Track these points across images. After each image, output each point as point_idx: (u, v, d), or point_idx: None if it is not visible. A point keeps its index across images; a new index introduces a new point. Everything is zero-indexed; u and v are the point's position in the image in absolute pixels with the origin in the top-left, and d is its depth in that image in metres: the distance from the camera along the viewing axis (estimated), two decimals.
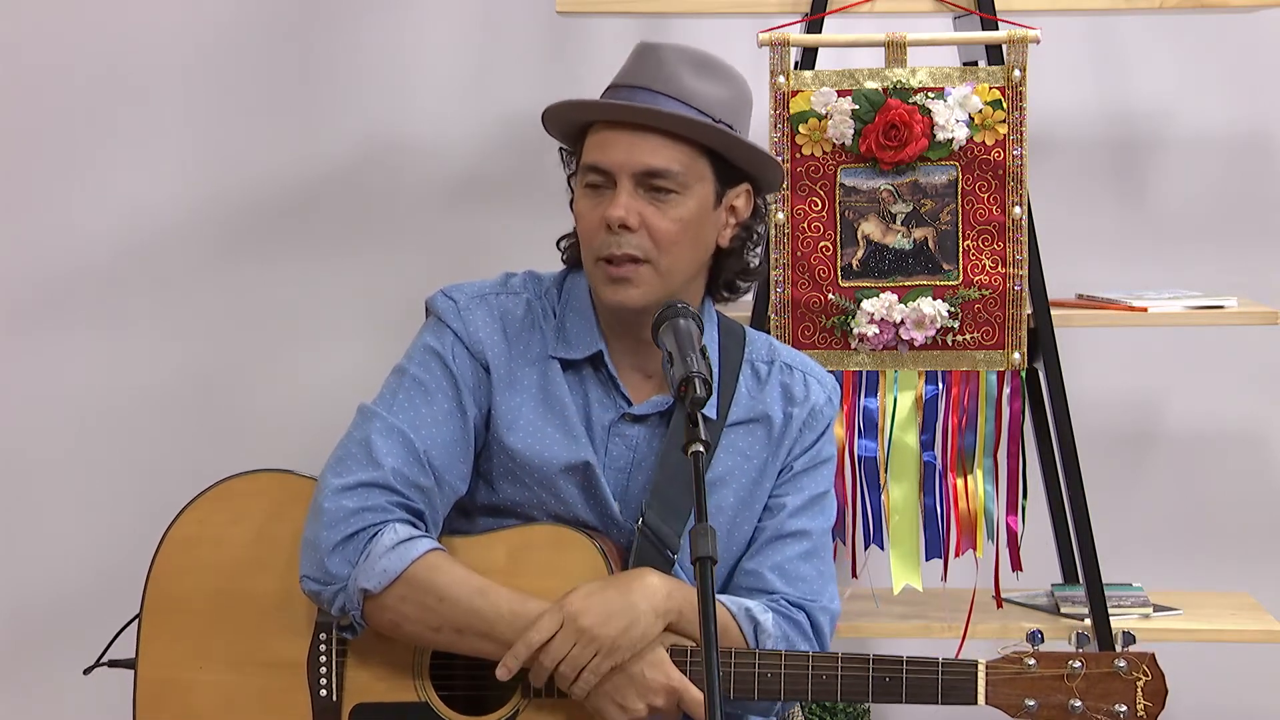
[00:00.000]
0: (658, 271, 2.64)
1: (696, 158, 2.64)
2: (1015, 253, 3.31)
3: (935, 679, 2.56)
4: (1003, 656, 2.56)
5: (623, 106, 2.62)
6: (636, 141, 2.62)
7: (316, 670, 2.66)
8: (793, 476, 2.76)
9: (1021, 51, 3.29)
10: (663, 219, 2.62)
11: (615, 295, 2.65)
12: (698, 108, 2.63)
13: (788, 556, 2.72)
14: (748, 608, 2.65)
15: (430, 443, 2.65)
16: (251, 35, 3.85)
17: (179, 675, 2.68)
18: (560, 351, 2.72)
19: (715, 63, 2.69)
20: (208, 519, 2.71)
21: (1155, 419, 3.91)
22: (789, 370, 2.79)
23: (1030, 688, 2.55)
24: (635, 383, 2.73)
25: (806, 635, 2.70)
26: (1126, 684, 2.54)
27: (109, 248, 3.88)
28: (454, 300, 2.73)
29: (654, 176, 2.62)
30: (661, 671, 2.56)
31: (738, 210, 2.71)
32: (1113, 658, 2.54)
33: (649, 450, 2.71)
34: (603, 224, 2.63)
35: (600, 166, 2.64)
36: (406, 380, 2.69)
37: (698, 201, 2.65)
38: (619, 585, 2.58)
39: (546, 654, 2.54)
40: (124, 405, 3.89)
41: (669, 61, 2.65)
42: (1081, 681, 2.54)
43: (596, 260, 2.65)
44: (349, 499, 2.60)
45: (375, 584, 2.57)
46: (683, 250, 2.65)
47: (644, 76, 2.65)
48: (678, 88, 2.63)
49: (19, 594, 3.91)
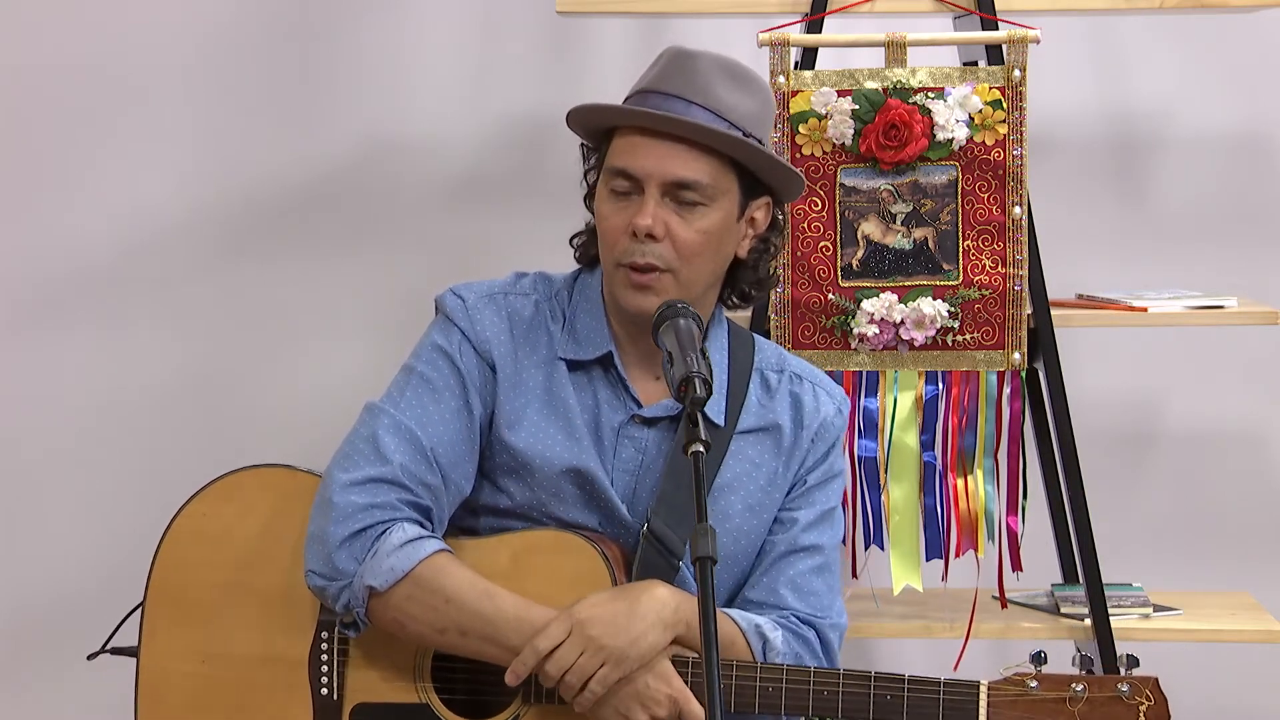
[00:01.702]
0: (678, 281, 2.64)
1: (724, 170, 2.64)
2: (1015, 253, 3.31)
3: (937, 699, 2.56)
4: (1005, 678, 2.55)
5: (659, 116, 2.61)
6: (668, 151, 2.61)
7: (318, 668, 2.66)
8: (806, 491, 2.76)
9: (1021, 51, 3.29)
10: (688, 230, 2.62)
11: (636, 302, 2.65)
12: (729, 119, 2.63)
13: (800, 571, 2.72)
14: (758, 624, 2.65)
15: (437, 440, 2.65)
16: (251, 35, 3.85)
17: (180, 666, 2.68)
18: (569, 353, 2.71)
19: (746, 73, 2.68)
20: (213, 511, 2.71)
21: (1155, 419, 3.91)
22: (799, 380, 2.79)
23: (1032, 710, 2.53)
24: (645, 385, 2.73)
25: (815, 653, 2.70)
26: (1129, 709, 2.52)
27: (109, 248, 3.88)
28: (462, 299, 2.73)
29: (682, 188, 2.62)
30: (665, 682, 2.55)
31: (757, 222, 2.72)
32: (1116, 681, 2.53)
33: (658, 454, 2.71)
34: (628, 230, 2.62)
35: (629, 172, 2.63)
36: (414, 378, 2.69)
37: (722, 213, 2.65)
38: (628, 597, 2.57)
39: (553, 661, 2.53)
40: (124, 405, 3.89)
41: (703, 71, 2.64)
42: (1084, 705, 2.53)
43: (618, 265, 2.65)
44: (358, 494, 2.59)
45: (382, 582, 2.56)
46: (704, 261, 2.65)
47: (678, 84, 2.64)
48: (712, 99, 2.63)
49: (19, 592, 3.91)
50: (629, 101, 2.68)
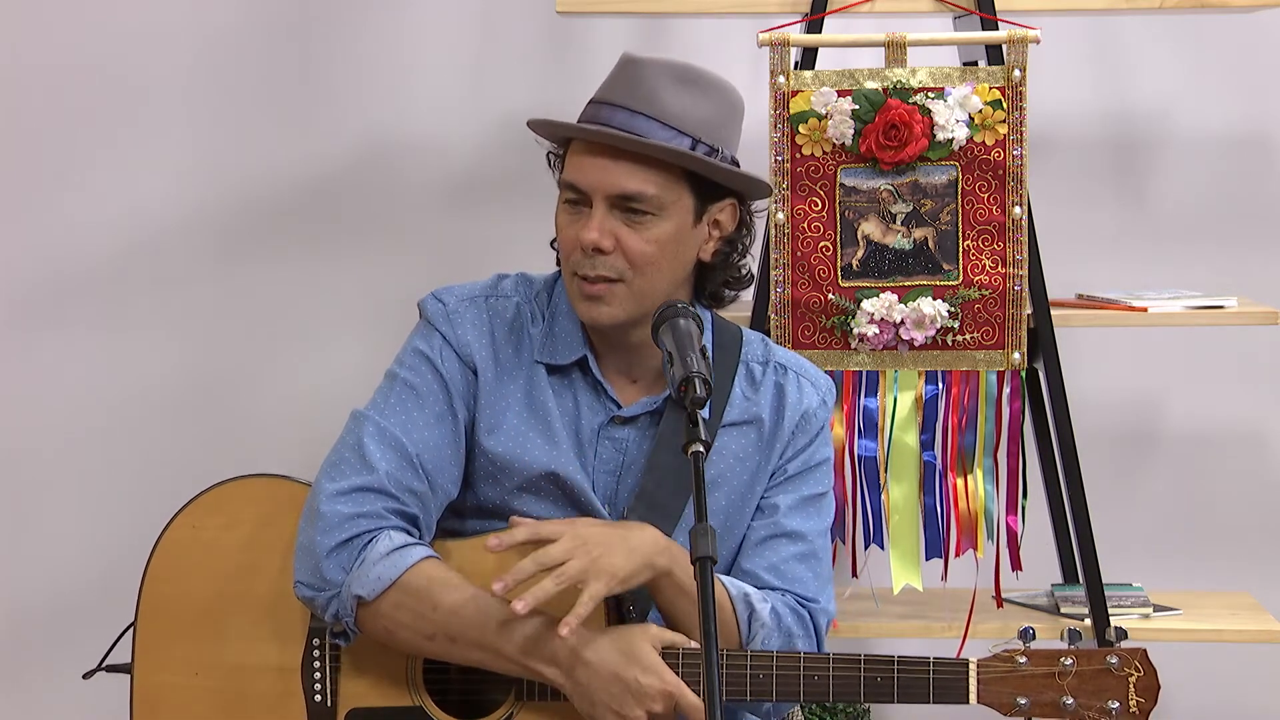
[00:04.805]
0: (631, 290, 2.63)
1: (673, 180, 2.62)
2: (1015, 253, 3.31)
3: (926, 678, 2.56)
4: (994, 655, 2.56)
5: (595, 131, 2.61)
6: (610, 165, 2.60)
7: (310, 675, 2.66)
8: (786, 479, 2.75)
9: (1021, 51, 3.29)
10: (638, 240, 2.61)
11: (588, 312, 2.65)
12: (677, 127, 2.60)
13: (782, 557, 2.71)
14: (747, 593, 2.64)
15: (422, 446, 2.65)
16: (251, 35, 3.85)
17: (174, 680, 2.68)
18: (547, 357, 2.71)
19: (699, 75, 2.65)
20: (201, 524, 2.70)
21: (1155, 419, 3.92)
22: (783, 371, 2.78)
23: (1022, 685, 2.55)
24: (621, 386, 2.73)
25: (809, 632, 2.70)
26: (1119, 680, 2.54)
27: (109, 248, 3.88)
28: (443, 303, 2.73)
29: (629, 200, 2.61)
30: (658, 677, 2.54)
31: (722, 224, 2.70)
32: (1104, 654, 2.54)
33: (639, 452, 2.71)
34: (578, 243, 2.62)
35: (576, 186, 2.63)
36: (398, 384, 2.69)
37: (674, 222, 2.64)
38: (622, 526, 2.58)
39: (545, 554, 2.49)
40: (124, 405, 3.89)
41: (649, 78, 2.62)
42: (1073, 679, 2.54)
43: (572, 275, 2.65)
44: (344, 504, 2.60)
45: (369, 591, 2.56)
46: (659, 270, 2.64)
47: (623, 94, 2.63)
48: (657, 107, 2.61)
49: (18, 593, 3.91)
50: (584, 112, 2.67)
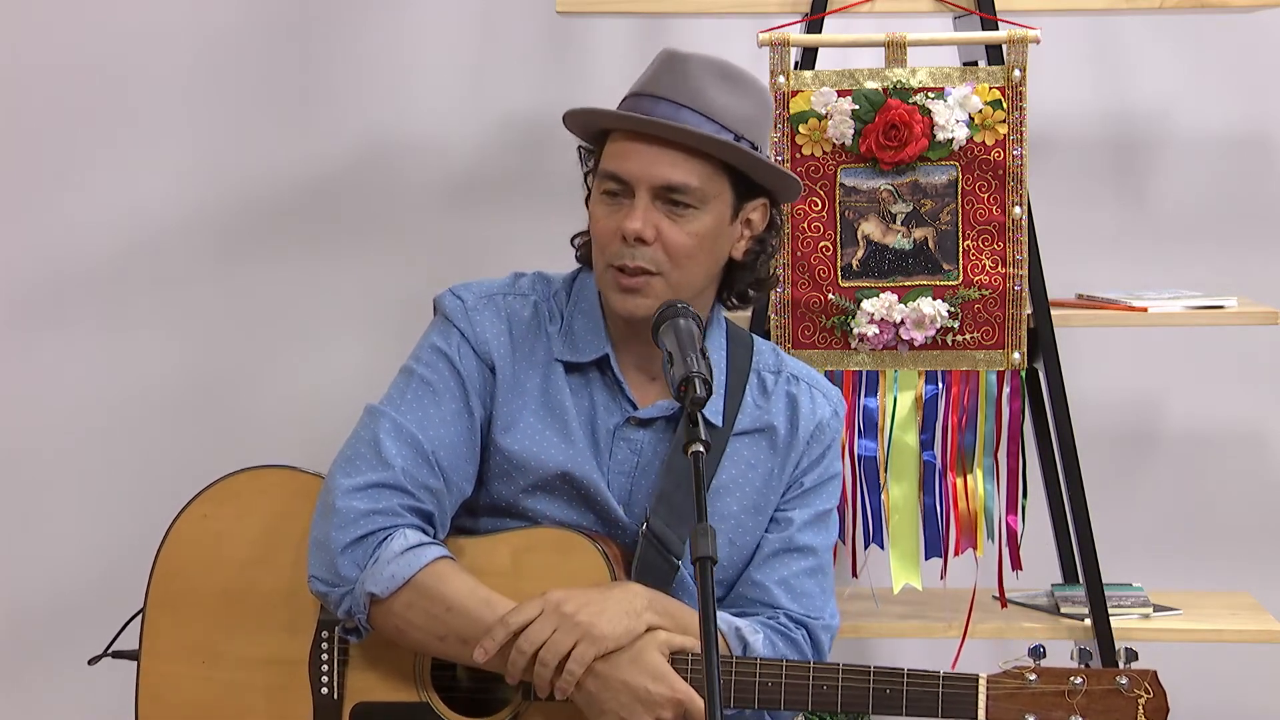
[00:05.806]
0: (669, 284, 2.64)
1: (716, 173, 2.64)
2: (1015, 253, 3.31)
3: (936, 692, 2.56)
4: (1004, 671, 2.55)
5: (645, 120, 2.61)
6: (657, 155, 2.61)
7: (318, 668, 2.66)
8: (802, 492, 2.76)
9: (1021, 51, 3.29)
10: (679, 233, 2.62)
11: (625, 304, 2.65)
12: (720, 122, 2.62)
13: (794, 572, 2.73)
14: (738, 627, 2.65)
15: (438, 443, 2.64)
16: (251, 35, 3.85)
17: (181, 669, 2.69)
18: (566, 355, 2.71)
19: (740, 74, 2.68)
20: (213, 514, 2.71)
21: (1155, 419, 3.91)
22: (795, 381, 2.79)
23: (1031, 703, 2.54)
24: (641, 386, 2.73)
25: (804, 654, 2.70)
26: (1128, 701, 2.53)
27: (109, 248, 3.88)
28: (462, 300, 2.73)
29: (673, 191, 2.62)
30: (667, 685, 2.54)
31: (753, 223, 2.72)
32: (1114, 674, 2.53)
33: (654, 455, 2.71)
34: (618, 233, 2.63)
35: (619, 176, 2.63)
36: (414, 380, 2.69)
37: (714, 216, 2.65)
38: (600, 586, 2.58)
39: (526, 638, 2.51)
40: (124, 405, 3.89)
41: (694, 73, 2.64)
42: (1083, 698, 2.53)
43: (608, 266, 2.65)
44: (360, 500, 2.59)
45: (382, 589, 2.56)
46: (696, 264, 2.65)
47: (668, 87, 2.64)
48: (702, 101, 2.63)
49: (19, 592, 3.91)
50: (623, 104, 2.68)
